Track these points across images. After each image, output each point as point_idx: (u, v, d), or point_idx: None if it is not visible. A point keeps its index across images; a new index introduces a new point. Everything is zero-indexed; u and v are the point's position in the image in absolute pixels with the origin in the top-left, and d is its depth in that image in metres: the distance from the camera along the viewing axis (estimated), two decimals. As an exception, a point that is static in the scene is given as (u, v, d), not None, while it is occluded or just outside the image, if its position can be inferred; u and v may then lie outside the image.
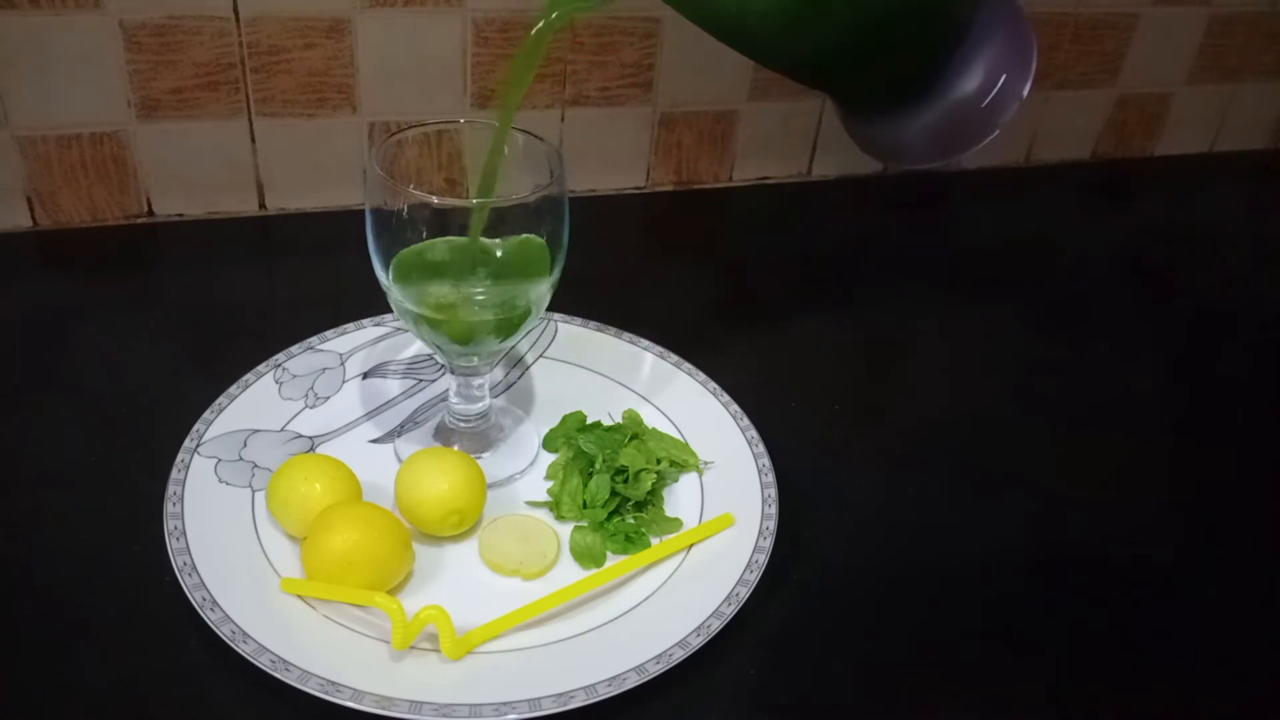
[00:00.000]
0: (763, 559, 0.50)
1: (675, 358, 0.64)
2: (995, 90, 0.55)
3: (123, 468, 0.53)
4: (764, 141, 0.88)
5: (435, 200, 0.47)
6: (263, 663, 0.43)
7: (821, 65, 0.55)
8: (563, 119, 0.81)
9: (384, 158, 0.49)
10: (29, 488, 0.52)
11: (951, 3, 0.54)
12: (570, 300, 0.62)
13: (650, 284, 0.77)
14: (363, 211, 0.49)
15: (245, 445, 0.55)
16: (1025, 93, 0.55)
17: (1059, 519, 0.58)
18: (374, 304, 0.59)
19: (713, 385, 0.62)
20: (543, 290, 0.51)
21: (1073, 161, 1.02)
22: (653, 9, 0.77)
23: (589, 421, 0.59)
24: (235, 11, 0.68)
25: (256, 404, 0.58)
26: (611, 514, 0.53)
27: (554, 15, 0.48)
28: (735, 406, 0.60)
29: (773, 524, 0.52)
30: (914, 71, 0.56)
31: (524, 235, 0.49)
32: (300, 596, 0.47)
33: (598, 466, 0.55)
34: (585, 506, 0.53)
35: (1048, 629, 0.51)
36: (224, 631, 0.44)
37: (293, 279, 0.73)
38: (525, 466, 0.57)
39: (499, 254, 0.50)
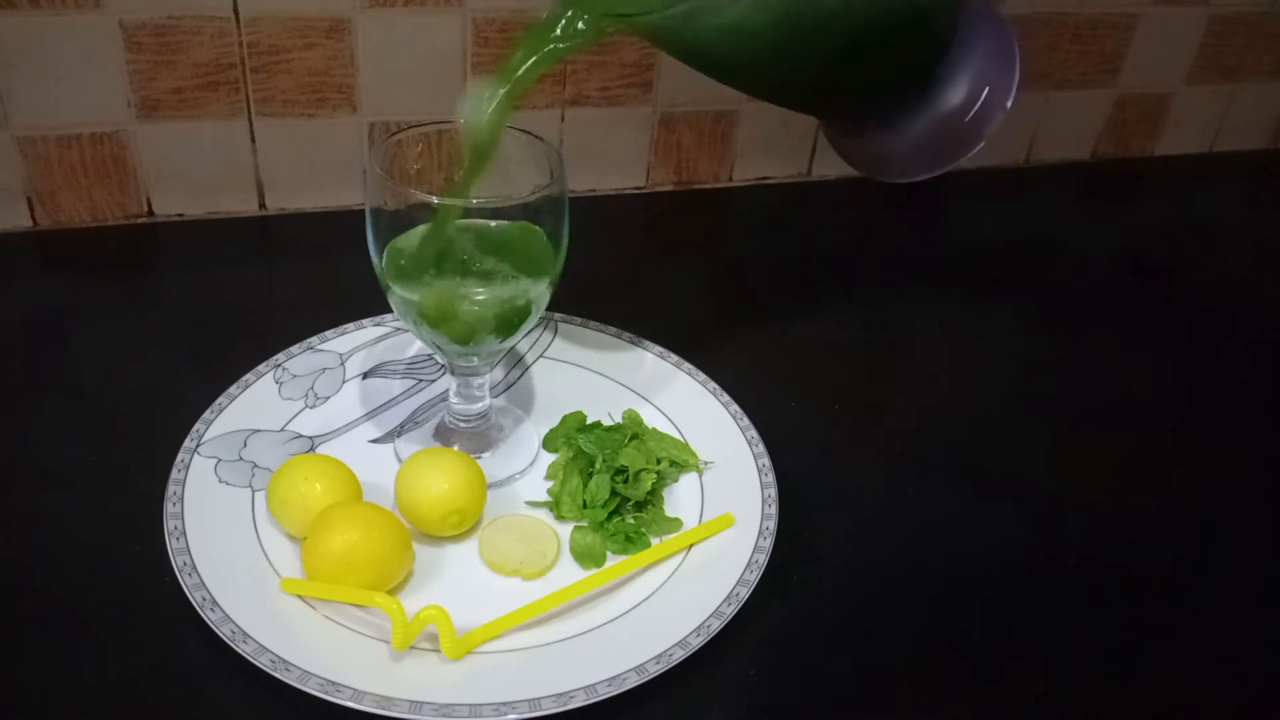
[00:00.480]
0: (763, 559, 0.50)
1: (675, 358, 0.64)
2: (979, 103, 0.55)
3: (123, 468, 0.53)
4: (764, 141, 0.88)
5: (435, 200, 0.47)
6: (263, 663, 0.43)
7: (808, 91, 0.55)
8: (563, 119, 0.81)
9: (384, 158, 0.49)
10: (29, 488, 0.52)
11: (930, 21, 0.54)
12: (570, 300, 0.62)
13: (650, 284, 0.77)
14: (363, 211, 0.49)
15: (245, 445, 0.55)
16: (1010, 104, 0.55)
17: (1059, 519, 0.58)
18: (374, 304, 0.59)
19: (713, 385, 0.62)
20: (543, 289, 0.51)
21: (1073, 161, 1.02)
22: (653, 9, 0.77)
23: (589, 421, 0.59)
24: (235, 11, 0.68)
25: (256, 404, 0.58)
26: (611, 514, 0.53)
27: (530, 63, 0.47)
28: (735, 406, 0.60)
29: (773, 524, 0.52)
30: (897, 89, 0.56)
31: (521, 223, 0.49)
32: (300, 596, 0.47)
33: (598, 466, 0.55)
34: (585, 506, 0.53)
35: (1048, 629, 0.51)
36: (224, 631, 0.44)
37: (293, 279, 0.73)
38: (525, 466, 0.57)
39: (497, 238, 0.50)
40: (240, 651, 0.43)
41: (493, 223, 0.51)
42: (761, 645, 0.48)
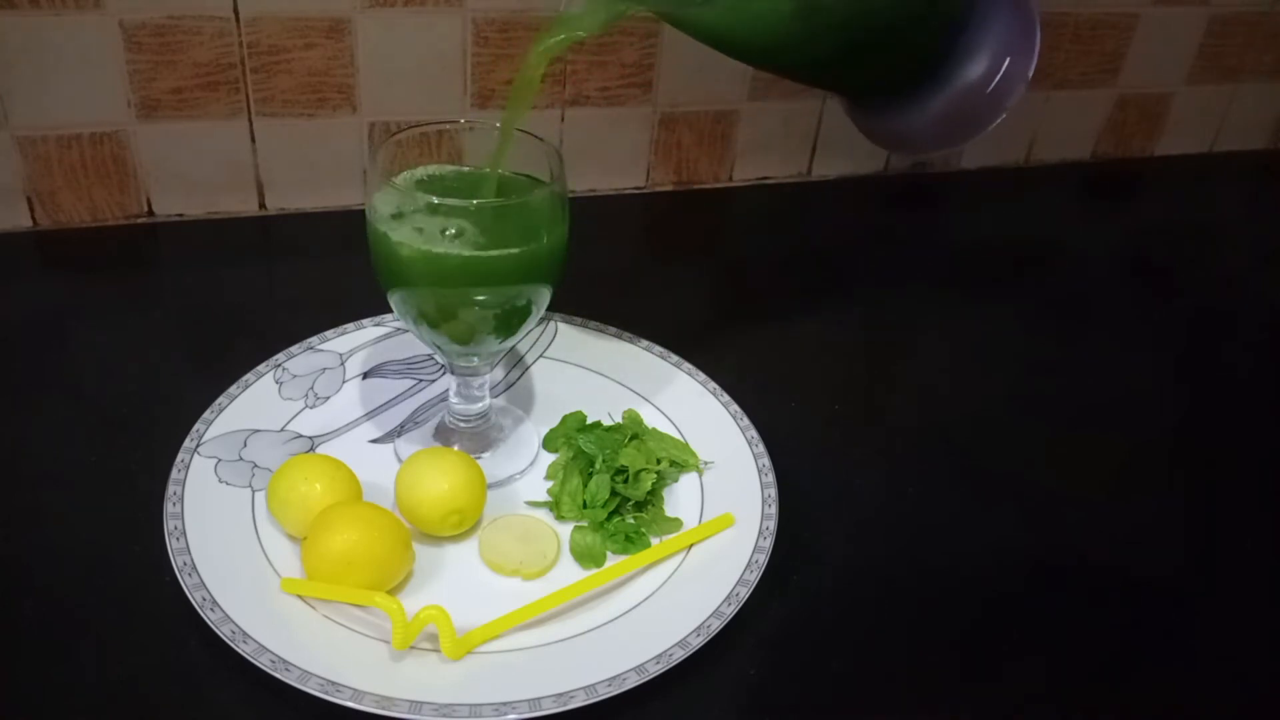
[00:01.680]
0: (763, 559, 0.50)
1: (675, 358, 0.64)
2: (1000, 74, 0.55)
3: (123, 468, 0.53)
4: (764, 141, 0.88)
5: (435, 200, 0.47)
6: (263, 663, 0.43)
7: (823, 69, 0.55)
8: (563, 119, 0.81)
9: (384, 158, 0.49)
10: (29, 488, 0.52)
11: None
12: (570, 300, 0.62)
13: (650, 284, 0.77)
14: (363, 211, 0.49)
15: (245, 445, 0.55)
16: (1030, 73, 0.55)
17: (1059, 519, 0.58)
18: (374, 304, 0.59)
19: (713, 385, 0.62)
20: (543, 289, 0.51)
21: (1073, 161, 1.02)
22: (653, 9, 0.77)
23: (589, 421, 0.59)
24: (235, 11, 0.68)
25: (256, 404, 0.58)
26: (611, 514, 0.53)
27: (555, 40, 0.47)
28: (735, 406, 0.60)
29: (773, 524, 0.52)
30: (917, 64, 0.56)
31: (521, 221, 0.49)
32: (300, 596, 0.47)
33: (598, 466, 0.55)
34: (585, 506, 0.53)
35: (1048, 629, 0.51)
36: (224, 631, 0.44)
37: (293, 279, 0.73)
38: (525, 466, 0.57)
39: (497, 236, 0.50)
40: (240, 651, 0.43)
41: (493, 221, 0.50)
42: (761, 645, 0.48)
